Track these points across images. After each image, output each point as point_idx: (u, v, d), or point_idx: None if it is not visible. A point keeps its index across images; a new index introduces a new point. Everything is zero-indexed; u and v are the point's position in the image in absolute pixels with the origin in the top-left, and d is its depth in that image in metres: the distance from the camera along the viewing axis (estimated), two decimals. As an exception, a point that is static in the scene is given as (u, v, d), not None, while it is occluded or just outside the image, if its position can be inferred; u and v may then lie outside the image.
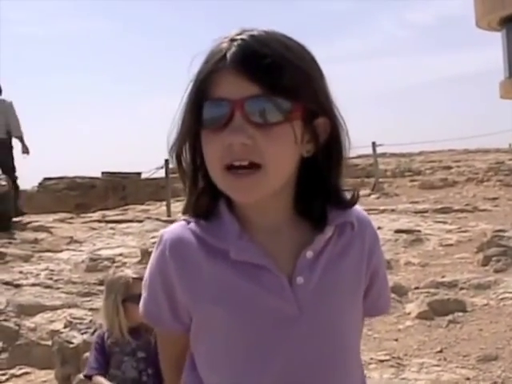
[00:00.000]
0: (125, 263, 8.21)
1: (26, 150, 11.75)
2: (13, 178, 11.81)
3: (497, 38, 25.23)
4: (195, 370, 1.39)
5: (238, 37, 1.23)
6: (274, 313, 1.28)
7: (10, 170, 11.78)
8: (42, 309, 6.20)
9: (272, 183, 1.25)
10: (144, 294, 1.42)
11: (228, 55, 1.22)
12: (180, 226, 1.36)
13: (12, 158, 11.91)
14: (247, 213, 1.32)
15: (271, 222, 1.32)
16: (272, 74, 1.19)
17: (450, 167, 18.20)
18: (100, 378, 3.17)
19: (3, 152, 11.61)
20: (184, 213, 1.36)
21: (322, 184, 1.32)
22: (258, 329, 1.29)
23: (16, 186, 12.14)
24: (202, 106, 1.24)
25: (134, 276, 3.21)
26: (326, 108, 1.27)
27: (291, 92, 1.20)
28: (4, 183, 10.80)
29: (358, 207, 1.39)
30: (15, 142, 11.81)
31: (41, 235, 10.21)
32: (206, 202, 1.33)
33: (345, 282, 1.33)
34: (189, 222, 1.35)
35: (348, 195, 1.35)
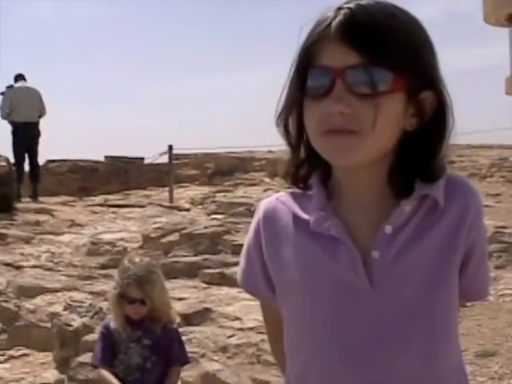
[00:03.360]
0: (126, 248, 8.24)
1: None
2: (37, 162, 12.42)
3: (504, 34, 25.14)
4: None
5: (346, 5, 1.21)
6: (347, 286, 1.26)
7: (37, 153, 12.33)
8: (42, 291, 6.22)
9: (369, 149, 1.21)
10: (242, 264, 1.44)
11: (333, 24, 1.20)
12: (275, 197, 1.39)
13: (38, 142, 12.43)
14: (340, 186, 1.31)
15: (362, 196, 1.29)
16: (374, 44, 1.17)
17: (453, 162, 18.14)
18: (105, 373, 3.19)
19: (36, 133, 12.28)
20: (282, 178, 1.37)
21: (420, 162, 1.26)
22: (330, 301, 1.28)
23: (38, 171, 12.49)
24: (306, 74, 1.24)
25: (131, 281, 3.16)
26: (431, 82, 1.24)
27: (393, 63, 1.18)
28: (4, 164, 10.77)
29: (464, 180, 1.33)
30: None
31: (42, 217, 10.24)
32: (304, 173, 1.34)
33: (428, 259, 1.26)
34: (285, 194, 1.37)
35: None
